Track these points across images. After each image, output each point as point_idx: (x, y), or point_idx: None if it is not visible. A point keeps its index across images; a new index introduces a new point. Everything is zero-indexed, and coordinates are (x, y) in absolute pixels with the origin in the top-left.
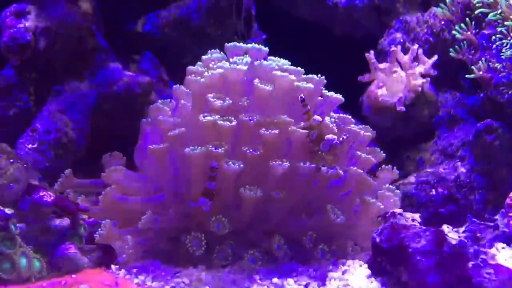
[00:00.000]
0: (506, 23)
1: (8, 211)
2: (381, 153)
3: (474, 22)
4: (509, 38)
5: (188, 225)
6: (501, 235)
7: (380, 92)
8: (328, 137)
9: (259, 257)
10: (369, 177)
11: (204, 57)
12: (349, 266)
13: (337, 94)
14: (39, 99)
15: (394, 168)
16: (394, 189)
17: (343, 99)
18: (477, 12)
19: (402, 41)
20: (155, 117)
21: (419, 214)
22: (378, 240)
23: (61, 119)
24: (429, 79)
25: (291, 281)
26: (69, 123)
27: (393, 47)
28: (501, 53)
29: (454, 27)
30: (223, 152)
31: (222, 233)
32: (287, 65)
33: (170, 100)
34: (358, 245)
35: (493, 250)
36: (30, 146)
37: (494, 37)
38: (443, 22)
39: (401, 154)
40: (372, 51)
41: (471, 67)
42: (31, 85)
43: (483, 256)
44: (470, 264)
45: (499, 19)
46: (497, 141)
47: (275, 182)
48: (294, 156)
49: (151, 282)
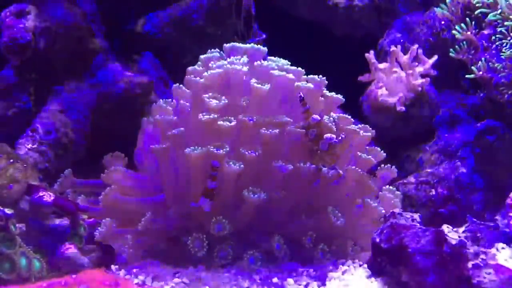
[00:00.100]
0: (506, 23)
1: (8, 211)
2: (381, 152)
3: (474, 22)
4: (509, 38)
5: (188, 225)
6: (501, 235)
7: (380, 92)
8: (326, 136)
9: (259, 257)
10: (369, 177)
11: (202, 56)
12: (349, 266)
13: (337, 94)
14: (39, 99)
15: (393, 167)
16: (394, 190)
17: (343, 99)
18: (477, 12)
19: (402, 41)
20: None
21: (419, 214)
22: (378, 240)
23: (61, 119)
24: (429, 79)
25: (291, 281)
26: (69, 123)
27: (393, 47)
28: (501, 53)
29: (454, 27)
30: (224, 153)
31: (222, 234)
32: (287, 65)
33: (171, 99)
34: (358, 245)
35: (493, 250)
36: (30, 146)
37: (494, 37)
38: (443, 22)
39: (401, 154)
40: (372, 51)
41: (471, 67)
42: (31, 85)
43: (483, 256)
44: (470, 264)
45: (499, 19)
46: (497, 141)
47: (276, 183)
48: (292, 155)
49: (151, 282)
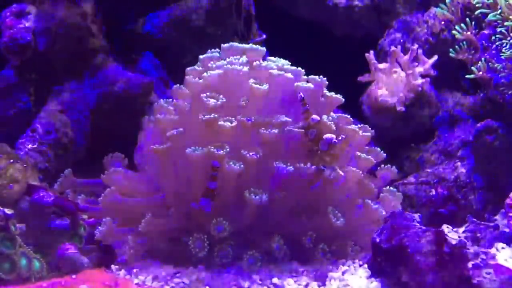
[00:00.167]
0: (506, 23)
1: (8, 211)
2: (381, 153)
3: (474, 22)
4: (509, 38)
5: (188, 225)
6: (501, 235)
7: (380, 92)
8: (326, 136)
9: (259, 257)
10: (369, 177)
11: (201, 56)
12: (349, 266)
13: (337, 94)
14: (39, 99)
15: (393, 167)
16: (395, 191)
17: (343, 100)
18: (477, 12)
19: (402, 41)
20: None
21: (419, 214)
22: (378, 240)
23: (61, 119)
24: (429, 79)
25: (291, 281)
26: (69, 123)
27: (393, 47)
28: (501, 53)
29: (454, 27)
30: (224, 153)
31: (222, 235)
32: (287, 65)
33: (172, 99)
34: (358, 245)
35: (493, 250)
36: (30, 146)
37: (494, 37)
38: (443, 22)
39: (401, 154)
40: (372, 51)
41: (471, 67)
42: (31, 85)
43: (483, 256)
44: (470, 264)
45: (499, 19)
46: (497, 141)
47: (277, 183)
48: (292, 155)
49: (151, 282)
